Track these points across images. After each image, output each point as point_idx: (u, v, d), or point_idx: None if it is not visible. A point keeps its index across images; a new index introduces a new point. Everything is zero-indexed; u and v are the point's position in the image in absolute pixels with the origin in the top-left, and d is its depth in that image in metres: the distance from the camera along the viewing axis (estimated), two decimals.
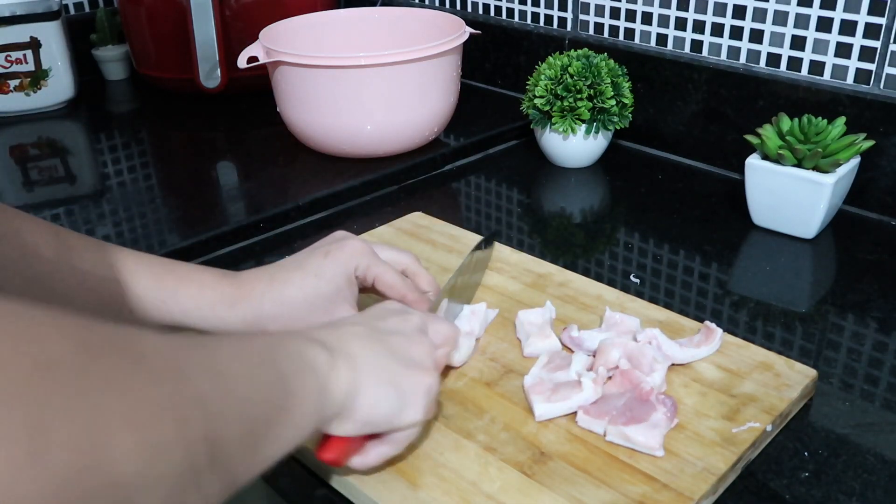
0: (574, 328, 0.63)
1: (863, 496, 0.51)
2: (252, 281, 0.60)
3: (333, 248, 0.61)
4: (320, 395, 0.44)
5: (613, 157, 1.03)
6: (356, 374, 0.46)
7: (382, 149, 0.99)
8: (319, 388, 0.44)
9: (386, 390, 0.48)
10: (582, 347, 0.62)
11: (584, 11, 1.10)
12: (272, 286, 0.59)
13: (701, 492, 0.49)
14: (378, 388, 0.47)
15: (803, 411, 0.58)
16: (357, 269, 0.61)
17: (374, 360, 0.48)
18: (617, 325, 0.63)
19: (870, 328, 0.68)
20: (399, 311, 0.54)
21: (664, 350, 0.59)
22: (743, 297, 0.73)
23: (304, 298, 0.59)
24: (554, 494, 0.49)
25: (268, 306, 0.59)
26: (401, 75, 0.95)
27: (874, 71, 0.85)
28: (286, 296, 0.59)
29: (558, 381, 0.57)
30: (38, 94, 1.24)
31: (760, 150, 0.82)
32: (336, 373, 0.45)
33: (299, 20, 1.09)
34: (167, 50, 1.22)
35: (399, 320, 0.53)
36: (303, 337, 0.46)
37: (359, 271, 0.61)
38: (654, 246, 0.82)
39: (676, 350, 0.60)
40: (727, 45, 0.96)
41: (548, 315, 0.65)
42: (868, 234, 0.83)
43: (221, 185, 1.00)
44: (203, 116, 1.21)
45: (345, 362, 0.46)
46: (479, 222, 0.89)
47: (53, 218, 0.91)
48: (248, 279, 0.60)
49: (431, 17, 1.08)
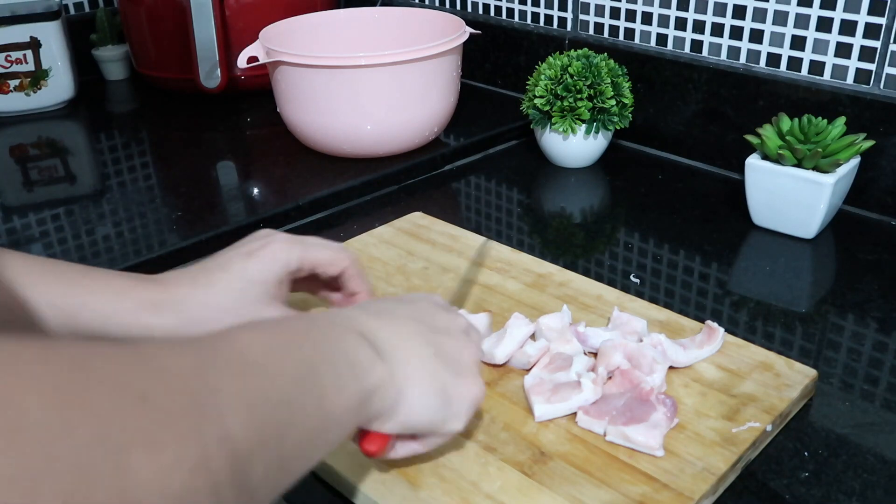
0: (582, 324, 0.63)
1: (863, 496, 0.51)
2: (173, 285, 0.56)
3: (256, 247, 0.58)
4: (360, 397, 0.42)
5: (613, 157, 1.03)
6: (404, 379, 0.44)
7: (382, 149, 0.99)
8: (359, 389, 0.41)
9: (433, 399, 0.46)
10: (587, 344, 0.62)
11: (584, 11, 1.10)
12: (195, 289, 0.56)
13: (701, 492, 0.49)
14: (425, 396, 0.45)
15: (803, 411, 0.58)
16: (289, 265, 0.58)
17: (424, 365, 0.46)
18: (623, 325, 0.63)
19: (870, 328, 0.68)
20: (445, 307, 0.52)
21: (669, 356, 0.59)
22: (743, 297, 0.73)
23: (232, 301, 0.56)
24: (554, 494, 0.49)
25: (194, 310, 0.55)
26: (401, 75, 0.95)
27: (874, 71, 0.85)
28: (211, 299, 0.56)
29: (558, 382, 0.57)
30: (38, 94, 1.24)
31: (760, 150, 0.82)
32: (381, 376, 0.43)
33: (299, 20, 1.09)
34: (167, 50, 1.22)
35: (448, 319, 0.50)
36: (349, 329, 0.44)
37: (291, 265, 0.58)
38: (654, 246, 0.82)
39: (681, 355, 0.60)
40: (727, 45, 0.96)
41: (566, 319, 0.64)
42: (868, 234, 0.83)
43: (221, 185, 1.00)
44: (203, 116, 1.21)
45: (393, 366, 0.44)
46: (479, 222, 0.89)
47: (53, 218, 0.91)
48: (169, 283, 0.56)
49: (431, 17, 1.08)
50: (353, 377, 0.41)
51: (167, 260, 0.81)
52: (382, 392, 0.43)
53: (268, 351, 0.37)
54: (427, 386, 0.46)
